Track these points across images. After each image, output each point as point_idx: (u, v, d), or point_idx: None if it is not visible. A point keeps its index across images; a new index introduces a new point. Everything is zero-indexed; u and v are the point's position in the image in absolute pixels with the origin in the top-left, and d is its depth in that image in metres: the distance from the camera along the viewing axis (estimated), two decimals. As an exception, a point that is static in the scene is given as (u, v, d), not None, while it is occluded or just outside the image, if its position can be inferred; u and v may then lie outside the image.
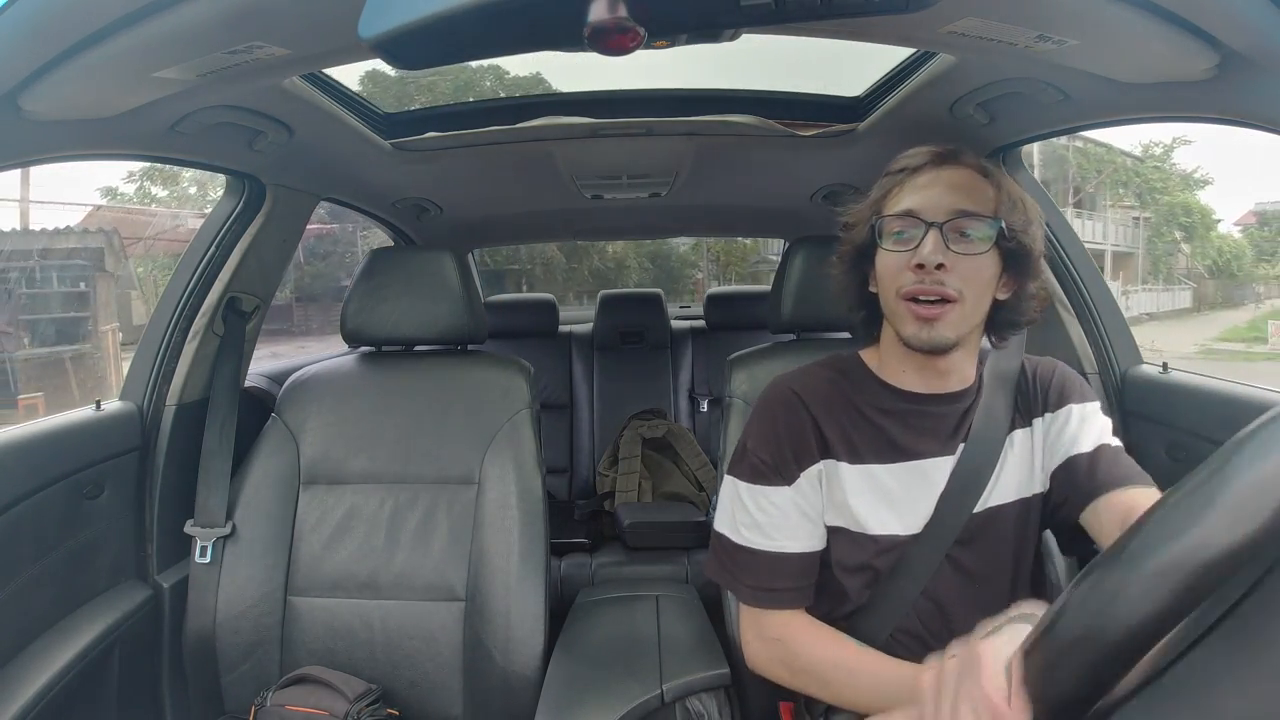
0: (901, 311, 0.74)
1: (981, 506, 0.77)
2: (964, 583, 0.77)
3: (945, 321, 0.72)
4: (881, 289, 0.78)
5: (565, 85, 1.31)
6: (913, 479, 0.78)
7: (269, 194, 1.22)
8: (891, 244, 0.75)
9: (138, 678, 1.06)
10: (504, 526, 1.04)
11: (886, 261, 0.76)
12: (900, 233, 0.74)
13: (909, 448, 0.78)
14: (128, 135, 0.89)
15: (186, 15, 0.64)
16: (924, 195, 0.74)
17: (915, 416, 0.79)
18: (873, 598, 0.78)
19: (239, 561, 1.06)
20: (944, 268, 0.71)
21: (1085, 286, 1.17)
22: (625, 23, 0.50)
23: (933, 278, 0.71)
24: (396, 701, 1.01)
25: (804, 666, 0.76)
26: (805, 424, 0.80)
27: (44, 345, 5.61)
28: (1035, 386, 0.82)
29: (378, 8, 0.52)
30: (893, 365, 0.81)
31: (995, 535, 0.77)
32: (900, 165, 0.78)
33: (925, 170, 0.76)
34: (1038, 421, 0.80)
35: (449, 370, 1.18)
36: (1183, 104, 0.81)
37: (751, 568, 0.78)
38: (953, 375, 0.80)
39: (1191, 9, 0.64)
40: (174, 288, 1.17)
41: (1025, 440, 0.80)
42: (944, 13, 0.70)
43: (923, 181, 0.76)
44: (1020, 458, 0.79)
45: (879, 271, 0.78)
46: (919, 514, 0.77)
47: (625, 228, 2.65)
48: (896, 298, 0.74)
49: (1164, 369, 1.11)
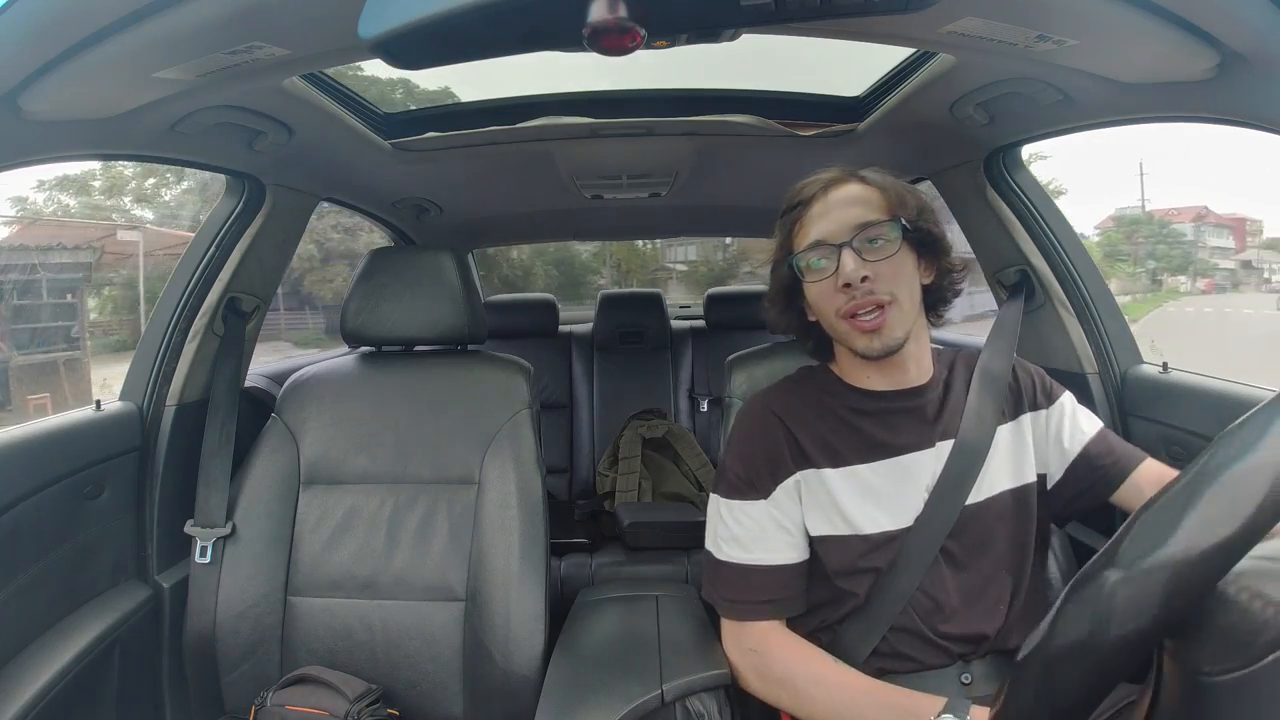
0: (845, 330, 0.79)
1: (973, 500, 0.79)
2: (960, 577, 0.78)
3: (888, 325, 0.77)
4: (821, 316, 0.83)
5: (565, 85, 1.30)
6: (896, 474, 0.80)
7: (269, 194, 1.22)
8: (814, 276, 0.80)
9: (138, 678, 1.06)
10: (504, 526, 1.04)
11: (815, 291, 0.81)
12: (817, 262, 0.80)
13: (889, 443, 0.81)
14: (128, 135, 0.89)
15: (186, 15, 0.64)
16: (824, 222, 0.80)
17: (890, 414, 0.83)
18: (869, 596, 0.78)
19: (239, 561, 1.06)
20: (868, 279, 0.76)
21: (1085, 286, 1.17)
22: (625, 23, 0.50)
23: (861, 290, 0.76)
24: (396, 702, 1.01)
25: (779, 677, 0.77)
26: (780, 438, 0.83)
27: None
28: (1021, 385, 0.87)
29: (377, 8, 0.52)
30: (856, 371, 0.86)
31: (989, 526, 0.79)
32: (794, 202, 0.84)
33: (816, 200, 0.82)
34: (1026, 417, 0.85)
35: (449, 370, 1.18)
36: (1183, 104, 0.81)
37: (730, 580, 0.82)
38: (912, 368, 0.84)
39: (1191, 9, 0.64)
40: (174, 288, 1.17)
41: (1014, 433, 0.84)
42: (944, 13, 0.70)
43: (818, 210, 0.81)
44: (1009, 450, 0.83)
45: (813, 302, 0.83)
46: (907, 507, 0.79)
47: (625, 228, 2.65)
48: (837, 319, 0.79)
49: (1164, 369, 1.11)
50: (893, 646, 0.77)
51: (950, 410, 0.84)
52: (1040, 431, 0.85)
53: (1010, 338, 0.97)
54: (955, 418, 0.83)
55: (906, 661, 0.77)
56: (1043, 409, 0.86)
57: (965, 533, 0.78)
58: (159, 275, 6.74)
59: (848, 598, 0.80)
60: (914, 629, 0.77)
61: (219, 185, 1.22)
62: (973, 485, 0.79)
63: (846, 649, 0.78)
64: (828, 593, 0.81)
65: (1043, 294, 1.20)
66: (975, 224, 1.27)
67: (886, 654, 0.77)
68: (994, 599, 0.78)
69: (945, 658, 0.77)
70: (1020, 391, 0.86)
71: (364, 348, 1.26)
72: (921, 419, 0.83)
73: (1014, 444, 0.83)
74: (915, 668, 0.77)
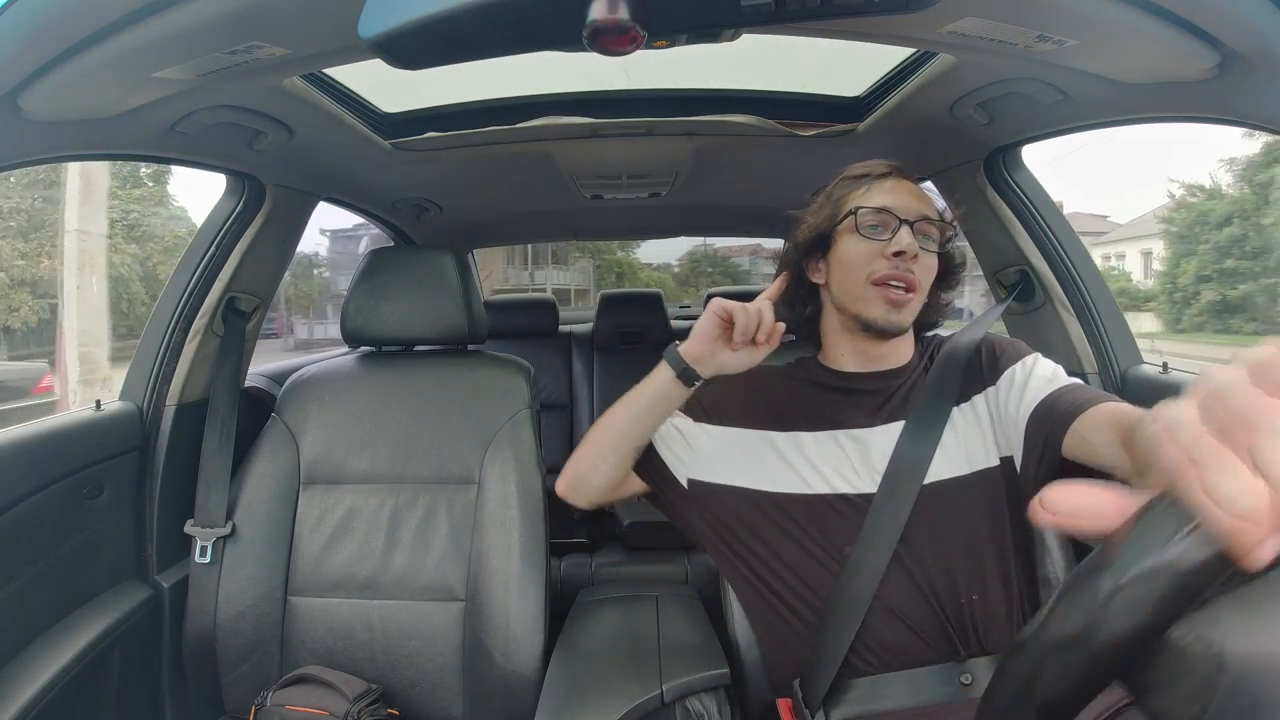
0: (871, 296, 0.82)
1: (932, 479, 0.79)
2: (929, 563, 0.77)
3: (909, 308, 0.82)
4: (846, 275, 0.84)
5: (565, 86, 1.30)
6: (833, 445, 0.83)
7: (269, 194, 1.22)
8: (868, 233, 0.82)
9: (138, 678, 1.06)
10: (504, 526, 1.04)
11: (859, 250, 0.83)
12: (875, 226, 0.82)
13: (831, 418, 0.85)
14: (128, 135, 0.89)
15: (186, 15, 0.64)
16: (894, 197, 0.83)
17: (844, 392, 0.87)
18: (838, 585, 0.77)
19: (239, 561, 1.06)
20: (916, 258, 0.80)
21: (1085, 286, 1.17)
22: (625, 23, 0.50)
23: (906, 265, 0.80)
24: (396, 701, 1.02)
25: (581, 445, 0.88)
26: (745, 396, 0.89)
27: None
28: (980, 364, 0.86)
29: (377, 8, 0.52)
30: (833, 351, 0.90)
31: (953, 510, 0.79)
32: (863, 171, 0.88)
33: (890, 177, 0.86)
34: (978, 397, 0.84)
35: (449, 370, 1.18)
36: (1183, 104, 0.81)
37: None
38: (889, 356, 0.88)
39: (1191, 9, 0.64)
40: (174, 288, 1.17)
41: (968, 415, 0.83)
42: (944, 13, 0.70)
43: (890, 186, 0.85)
44: (966, 432, 0.82)
45: (846, 259, 0.84)
46: (840, 476, 0.82)
47: (625, 228, 2.65)
48: (866, 283, 0.82)
49: (1164, 369, 1.11)
50: (878, 639, 0.76)
51: (915, 393, 0.85)
52: (995, 410, 0.81)
53: (985, 322, 0.95)
54: (918, 399, 0.84)
55: (896, 656, 0.76)
56: (989, 386, 0.82)
57: (933, 513, 0.78)
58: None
59: (818, 569, 0.79)
60: (896, 616, 0.76)
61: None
62: (928, 465, 0.79)
63: (831, 638, 0.76)
64: (798, 559, 0.80)
65: (1043, 294, 1.20)
66: (975, 224, 1.27)
67: (873, 648, 0.76)
68: (976, 588, 0.78)
69: (934, 652, 0.76)
70: (976, 371, 0.85)
71: (364, 347, 1.26)
72: (875, 401, 0.85)
73: (971, 426, 0.82)
74: (905, 663, 0.76)
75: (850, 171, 0.89)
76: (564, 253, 17.42)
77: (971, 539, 0.79)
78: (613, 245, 17.19)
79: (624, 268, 18.11)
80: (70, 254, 5.14)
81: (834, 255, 0.86)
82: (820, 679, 0.76)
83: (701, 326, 0.79)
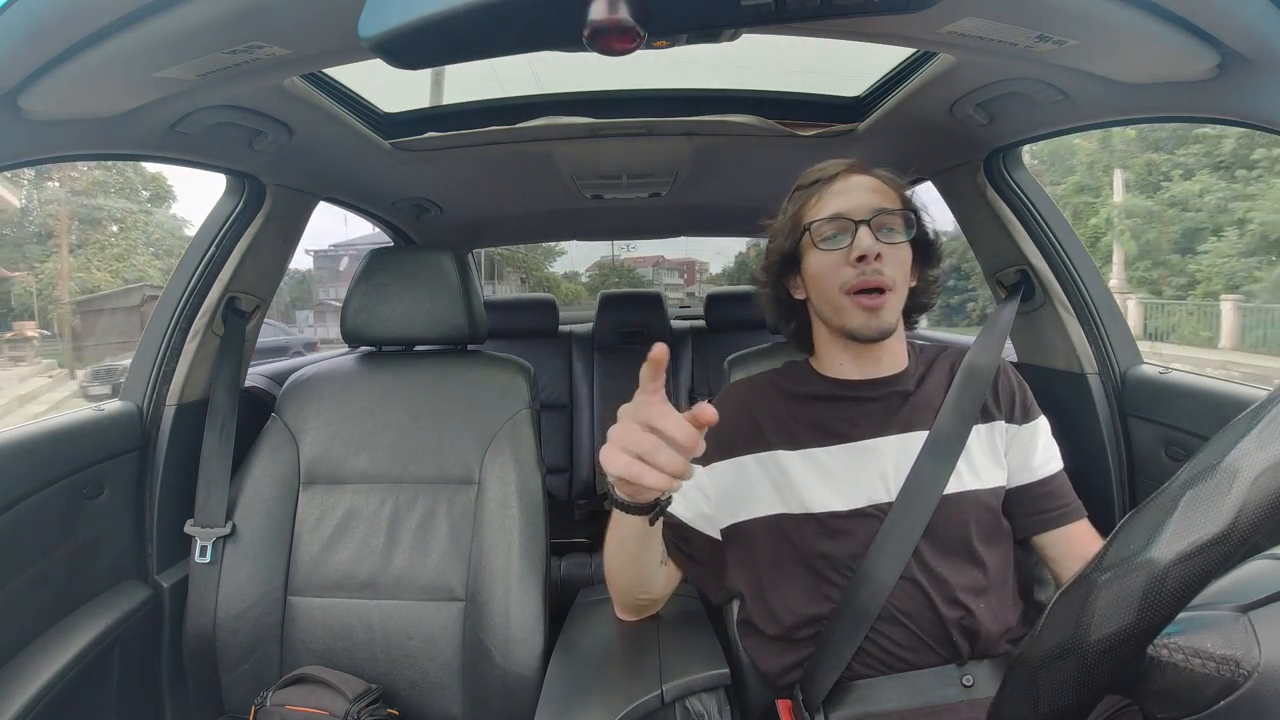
0: (846, 306, 0.81)
1: (951, 490, 0.80)
2: (941, 570, 0.78)
3: (886, 309, 0.80)
4: (820, 290, 0.84)
5: (565, 86, 1.30)
6: (851, 459, 0.82)
7: (269, 194, 1.22)
8: (827, 245, 0.82)
9: (138, 678, 1.06)
10: (504, 526, 1.04)
11: (823, 262, 0.82)
12: (833, 235, 0.81)
13: (848, 429, 0.84)
14: (128, 135, 0.89)
15: (186, 15, 0.64)
16: (846, 199, 0.82)
17: (855, 401, 0.86)
18: (849, 591, 0.78)
19: (239, 561, 1.06)
20: (880, 258, 0.79)
21: (1085, 286, 1.17)
22: (625, 23, 0.50)
23: (872, 268, 0.79)
24: (396, 701, 1.01)
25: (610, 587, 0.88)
26: (742, 423, 0.86)
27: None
28: (1000, 391, 0.87)
29: (377, 8, 0.52)
30: (830, 360, 0.89)
31: (967, 520, 0.80)
32: (813, 178, 0.86)
33: (839, 179, 0.84)
34: (1000, 424, 0.86)
35: (449, 370, 1.18)
36: (1183, 104, 0.81)
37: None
38: (886, 359, 0.87)
39: (1191, 9, 0.64)
40: (174, 288, 1.17)
41: (983, 435, 0.85)
42: (944, 13, 0.70)
43: (839, 188, 0.84)
44: (979, 450, 0.84)
45: (815, 274, 0.84)
46: (860, 491, 0.81)
47: (625, 228, 2.65)
48: (840, 294, 0.81)
49: (1164, 369, 1.11)
50: (881, 645, 0.77)
51: (921, 403, 0.85)
52: (1010, 444, 0.86)
53: (1000, 337, 0.98)
54: (925, 410, 0.84)
55: (899, 660, 0.77)
56: (1017, 423, 0.86)
57: (944, 524, 0.79)
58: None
59: (826, 586, 0.79)
60: (900, 623, 0.77)
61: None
62: (949, 476, 0.80)
63: (834, 646, 0.77)
64: (807, 584, 0.81)
65: (1042, 294, 1.20)
66: (975, 224, 1.27)
67: (875, 654, 0.77)
68: (981, 596, 0.78)
69: (937, 657, 0.77)
70: (999, 397, 0.87)
71: (364, 348, 1.26)
72: (887, 408, 0.85)
73: (985, 445, 0.84)
74: (907, 667, 0.77)
75: (802, 180, 0.88)
76: (500, 267, 18.40)
77: (981, 551, 0.80)
78: (540, 261, 19.50)
79: (549, 281, 20.38)
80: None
81: (805, 271, 0.86)
82: (822, 683, 0.76)
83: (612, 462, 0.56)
